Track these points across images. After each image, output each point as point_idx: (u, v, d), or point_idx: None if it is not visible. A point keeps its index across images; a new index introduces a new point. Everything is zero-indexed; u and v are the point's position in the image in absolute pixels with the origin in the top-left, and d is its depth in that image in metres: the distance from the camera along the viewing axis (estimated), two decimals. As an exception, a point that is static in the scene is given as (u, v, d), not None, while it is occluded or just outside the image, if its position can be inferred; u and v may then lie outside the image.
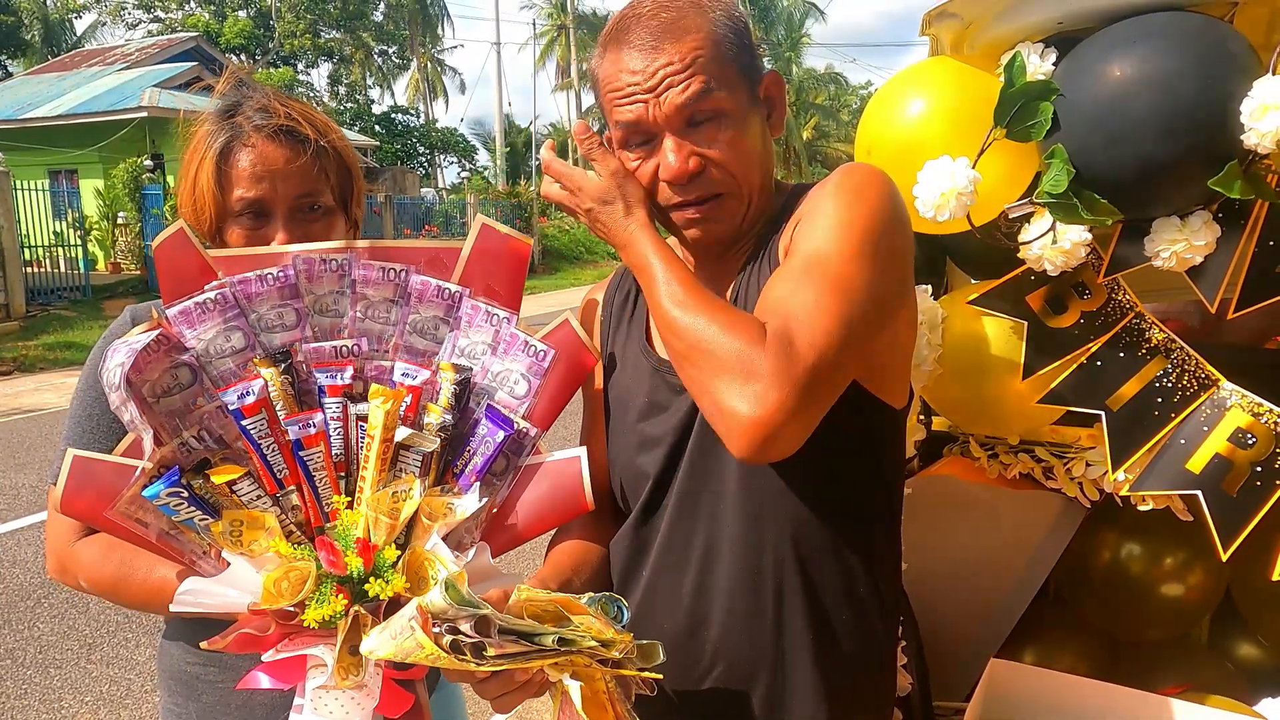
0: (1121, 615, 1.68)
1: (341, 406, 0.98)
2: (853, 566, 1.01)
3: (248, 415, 0.93)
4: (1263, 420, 1.16)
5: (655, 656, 0.87)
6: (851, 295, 0.86)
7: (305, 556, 0.91)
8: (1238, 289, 1.18)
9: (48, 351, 10.30)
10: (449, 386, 0.99)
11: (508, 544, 1.03)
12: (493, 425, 0.99)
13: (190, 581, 0.92)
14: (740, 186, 0.99)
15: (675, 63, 0.94)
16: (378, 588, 0.88)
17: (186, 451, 0.95)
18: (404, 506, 0.93)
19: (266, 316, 1.00)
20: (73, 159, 15.55)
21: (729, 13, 0.98)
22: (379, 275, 1.02)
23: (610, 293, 1.19)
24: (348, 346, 1.01)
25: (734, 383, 0.83)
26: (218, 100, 1.17)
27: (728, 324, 0.86)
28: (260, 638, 0.90)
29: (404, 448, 0.97)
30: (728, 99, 0.95)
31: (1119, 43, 1.09)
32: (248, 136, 1.10)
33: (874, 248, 0.89)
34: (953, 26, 1.28)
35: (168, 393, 0.95)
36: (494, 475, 1.01)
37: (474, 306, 1.03)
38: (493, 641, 0.77)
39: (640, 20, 0.97)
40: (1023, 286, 1.29)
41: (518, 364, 1.03)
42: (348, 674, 0.88)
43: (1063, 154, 1.11)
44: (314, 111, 1.18)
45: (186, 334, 0.97)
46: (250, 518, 0.93)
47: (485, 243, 1.04)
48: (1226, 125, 1.04)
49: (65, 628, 3.72)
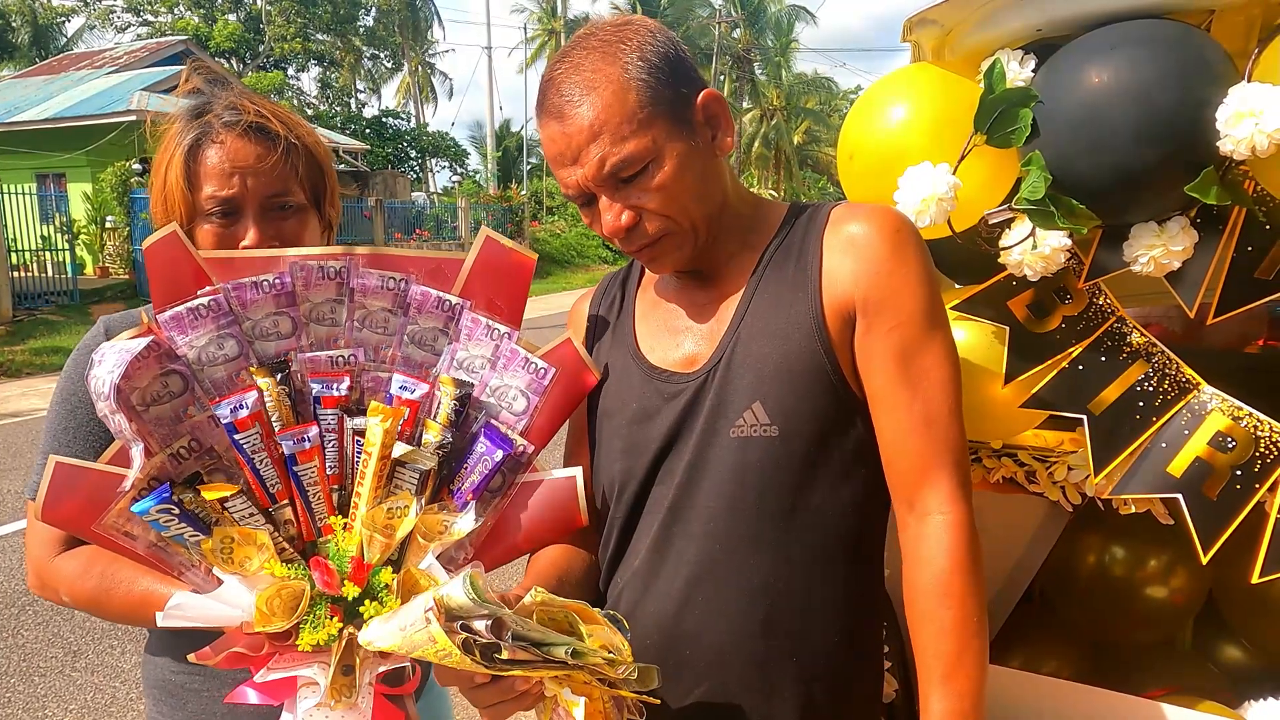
0: (1106, 619, 1.68)
1: (338, 419, 0.96)
2: (845, 583, 1.01)
3: (241, 429, 0.92)
4: (1242, 424, 1.17)
5: (652, 681, 0.86)
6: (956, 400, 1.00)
7: (298, 575, 0.90)
8: (1216, 294, 1.19)
9: (34, 356, 10.22)
10: (449, 402, 0.97)
11: (500, 559, 1.02)
12: (491, 444, 0.98)
13: (179, 596, 0.90)
14: (680, 224, 1.00)
15: (586, 130, 0.94)
16: (372, 610, 0.87)
17: (176, 462, 0.93)
18: (400, 524, 0.92)
19: (261, 324, 0.98)
20: (60, 163, 15.46)
21: (642, 50, 0.97)
22: (378, 284, 1.00)
23: (597, 300, 1.19)
24: (344, 357, 0.99)
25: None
26: (185, 99, 1.16)
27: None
28: (251, 656, 0.89)
29: (400, 464, 0.95)
30: (650, 146, 0.95)
31: (1097, 50, 1.09)
32: (217, 134, 1.09)
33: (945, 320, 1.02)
34: (933, 33, 1.29)
35: (157, 401, 0.93)
36: (490, 492, 1.00)
37: (474, 320, 1.01)
38: (506, 644, 0.76)
39: (554, 86, 0.98)
40: (1005, 292, 1.30)
41: (517, 380, 1.01)
42: (341, 695, 0.87)
43: (1040, 160, 1.11)
44: (284, 109, 1.17)
45: (178, 340, 0.95)
46: (242, 534, 0.91)
47: (488, 256, 1.03)
48: (1203, 132, 1.04)
49: (50, 635, 3.69)
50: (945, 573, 0.94)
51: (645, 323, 1.11)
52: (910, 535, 0.98)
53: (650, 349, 1.08)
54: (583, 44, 0.98)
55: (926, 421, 0.96)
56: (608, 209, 0.98)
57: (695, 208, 1.00)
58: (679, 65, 0.98)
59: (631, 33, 0.98)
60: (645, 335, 1.10)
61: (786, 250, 1.03)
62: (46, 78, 18.62)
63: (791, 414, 0.98)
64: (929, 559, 0.96)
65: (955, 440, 0.98)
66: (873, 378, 0.98)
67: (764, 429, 0.98)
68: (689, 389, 1.02)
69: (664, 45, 0.98)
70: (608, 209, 0.98)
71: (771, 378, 0.98)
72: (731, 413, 0.99)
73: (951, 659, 0.93)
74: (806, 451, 0.98)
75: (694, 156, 0.99)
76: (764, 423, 0.98)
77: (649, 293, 1.14)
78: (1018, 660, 1.66)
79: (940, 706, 0.93)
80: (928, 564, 0.96)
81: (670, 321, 1.09)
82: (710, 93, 1.00)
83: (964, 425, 0.99)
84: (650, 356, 1.08)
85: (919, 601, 0.96)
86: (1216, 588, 1.63)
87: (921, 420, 0.96)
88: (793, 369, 0.98)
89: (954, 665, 0.93)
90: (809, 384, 0.98)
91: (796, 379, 0.98)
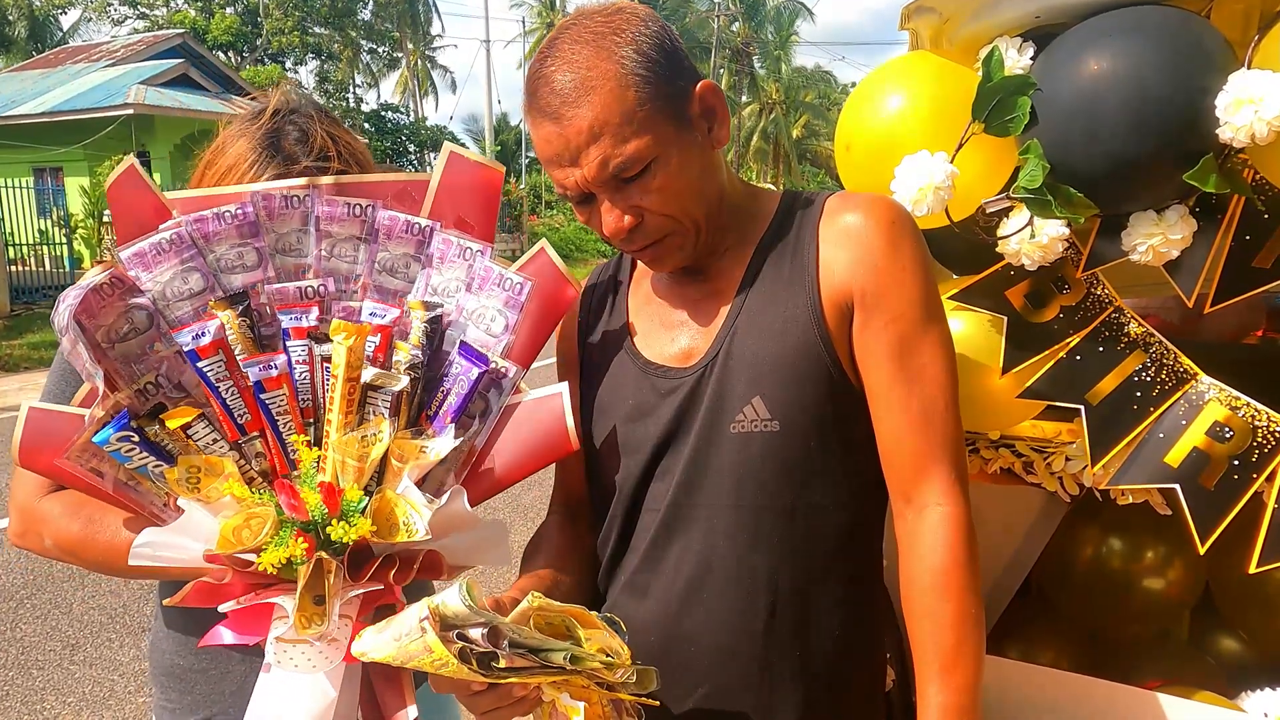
0: (1103, 611, 1.68)
1: (307, 350, 0.93)
2: (846, 577, 1.01)
3: (204, 356, 0.89)
4: (1240, 414, 1.17)
5: (651, 683, 0.84)
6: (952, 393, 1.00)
7: (265, 501, 0.87)
8: (1214, 283, 1.19)
9: (31, 350, 10.20)
10: (419, 325, 0.94)
11: (488, 490, 0.98)
12: (467, 362, 0.94)
13: (147, 533, 0.87)
14: (683, 223, 0.98)
15: (585, 131, 0.91)
16: (340, 530, 0.83)
17: (144, 398, 0.90)
18: (373, 450, 0.89)
19: (226, 256, 0.95)
20: (58, 157, 15.41)
21: (638, 41, 0.93)
22: (344, 211, 0.97)
23: (588, 294, 1.16)
24: (313, 287, 0.96)
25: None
26: (251, 106, 1.12)
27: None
28: (219, 587, 0.86)
29: (373, 389, 0.92)
30: (652, 144, 0.92)
31: (1095, 37, 1.09)
32: (292, 174, 1.05)
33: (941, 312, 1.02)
34: (931, 21, 1.28)
35: (124, 338, 0.91)
36: (471, 417, 0.96)
37: (445, 240, 0.98)
38: (503, 652, 0.74)
39: (546, 83, 0.93)
40: (1003, 281, 1.29)
41: (493, 300, 0.97)
42: (310, 623, 0.84)
43: (1038, 149, 1.11)
44: (357, 142, 1.14)
45: (142, 277, 0.92)
46: (208, 463, 0.89)
47: (454, 173, 0.99)
48: (1202, 120, 1.04)
49: (48, 628, 3.69)
50: (943, 566, 0.94)
51: (639, 317, 1.10)
52: (907, 529, 0.98)
53: (645, 344, 1.07)
54: (572, 35, 0.94)
55: (924, 416, 0.96)
56: (608, 211, 0.96)
57: (696, 205, 0.98)
58: (674, 56, 0.96)
59: (624, 22, 0.94)
60: (640, 330, 1.08)
61: (782, 242, 1.02)
62: (43, 71, 18.54)
63: (792, 408, 0.97)
64: (926, 553, 0.95)
65: (952, 434, 0.97)
66: (870, 373, 0.98)
67: (765, 424, 0.97)
68: (686, 384, 1.01)
69: (658, 35, 0.95)
70: (608, 211, 0.96)
71: (770, 372, 0.97)
72: (731, 408, 0.98)
73: (949, 652, 0.93)
74: (807, 446, 0.97)
75: (693, 152, 0.97)
76: (765, 417, 0.97)
77: (642, 286, 1.12)
78: (1015, 651, 1.66)
79: (938, 700, 0.92)
80: (925, 558, 0.95)
81: (665, 316, 1.07)
82: (707, 84, 0.98)
83: (960, 418, 0.99)
84: (645, 352, 1.06)
85: (916, 595, 0.96)
86: (1212, 580, 1.63)
87: (919, 415, 0.96)
88: (792, 363, 0.97)
89: (951, 658, 0.93)
90: (809, 378, 0.97)
91: (796, 373, 0.97)
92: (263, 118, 1.11)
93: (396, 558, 0.91)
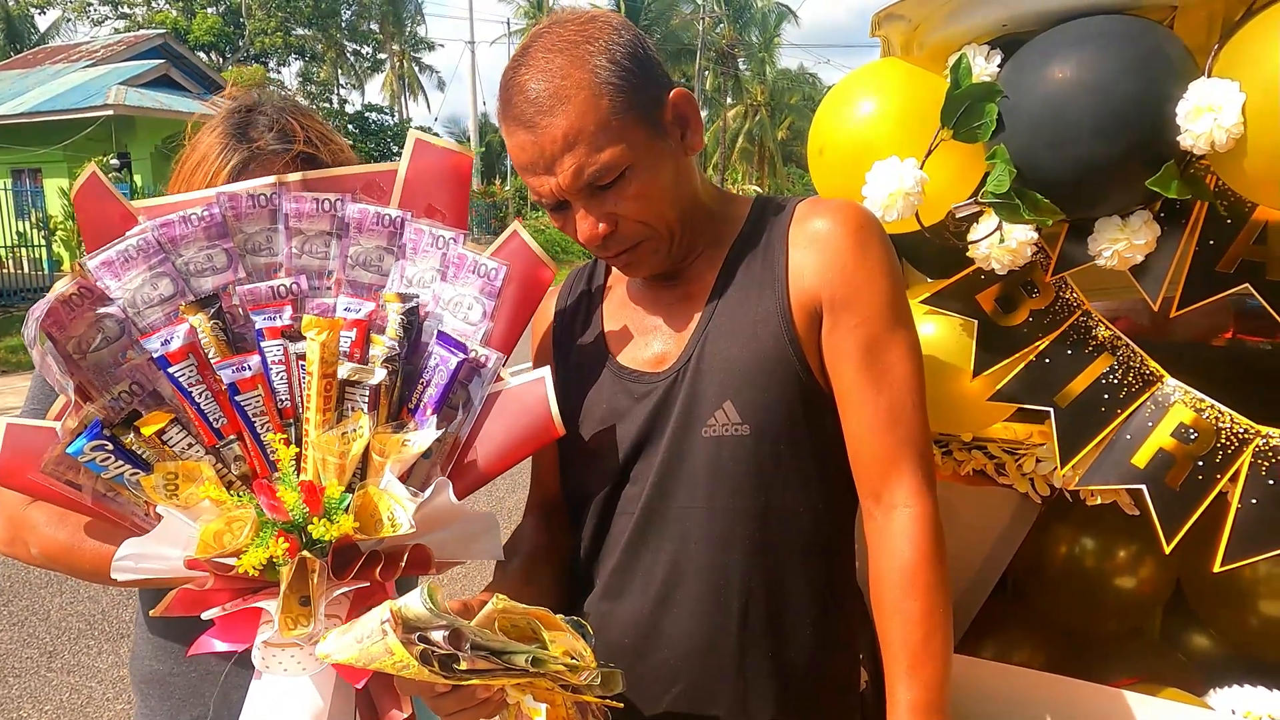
0: (1076, 609, 1.70)
1: (282, 349, 0.92)
2: (819, 577, 1.02)
3: (174, 362, 0.88)
4: (1204, 416, 1.19)
5: (616, 685, 0.85)
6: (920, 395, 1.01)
7: (244, 504, 0.86)
8: (1179, 287, 1.21)
9: (9, 354, 10.08)
10: (396, 317, 0.94)
11: (475, 482, 0.98)
12: (446, 352, 0.94)
13: (127, 545, 0.86)
14: (657, 229, 0.99)
15: (560, 140, 0.92)
16: (321, 528, 0.83)
17: (118, 408, 0.90)
18: (353, 445, 0.88)
19: (194, 260, 0.94)
20: (36, 158, 15.27)
21: (611, 50, 0.94)
22: (312, 207, 0.96)
23: (563, 298, 1.17)
24: (286, 285, 0.95)
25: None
26: (226, 103, 1.11)
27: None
28: (203, 594, 0.85)
29: (350, 384, 0.92)
30: (625, 152, 0.93)
31: (1061, 45, 1.10)
32: (264, 162, 1.06)
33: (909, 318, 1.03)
34: (901, 28, 1.29)
35: (95, 348, 0.90)
36: (453, 408, 0.96)
37: (418, 230, 0.97)
38: (465, 655, 0.75)
39: (520, 91, 0.94)
40: (973, 286, 1.31)
41: (469, 288, 0.97)
42: (296, 624, 0.83)
43: (1004, 154, 1.12)
44: (329, 131, 1.13)
45: (111, 285, 0.91)
46: (185, 469, 0.88)
47: (422, 160, 0.98)
48: (1164, 126, 1.05)
49: (25, 635, 3.65)
50: (911, 565, 0.95)
51: (614, 322, 1.11)
52: (876, 528, 0.99)
53: (620, 349, 1.08)
54: (545, 43, 0.95)
55: (891, 417, 0.97)
56: (583, 218, 0.97)
57: (670, 212, 0.99)
58: (647, 65, 0.96)
59: (597, 31, 0.95)
60: (614, 335, 1.09)
61: (753, 247, 1.03)
62: (21, 71, 18.35)
63: (762, 412, 0.98)
64: (895, 552, 0.97)
65: (919, 435, 0.98)
66: (839, 375, 0.99)
67: (736, 428, 0.98)
68: (659, 389, 1.02)
69: (631, 44, 0.95)
70: (583, 218, 0.97)
71: (741, 376, 0.98)
72: (703, 412, 0.99)
73: (917, 649, 0.94)
74: (778, 449, 0.99)
75: (667, 159, 0.98)
76: (735, 422, 0.98)
77: (617, 291, 1.13)
78: (990, 650, 1.68)
79: (907, 696, 0.94)
80: (893, 556, 0.97)
81: (639, 321, 1.08)
82: (680, 92, 0.99)
83: (928, 419, 1.00)
84: (620, 357, 1.07)
85: (885, 593, 0.97)
86: (1184, 578, 1.65)
87: (886, 415, 0.97)
88: (762, 367, 0.98)
89: (920, 655, 0.94)
90: (778, 382, 0.98)
91: (766, 377, 0.98)
92: (233, 114, 1.12)
93: (383, 554, 0.90)
